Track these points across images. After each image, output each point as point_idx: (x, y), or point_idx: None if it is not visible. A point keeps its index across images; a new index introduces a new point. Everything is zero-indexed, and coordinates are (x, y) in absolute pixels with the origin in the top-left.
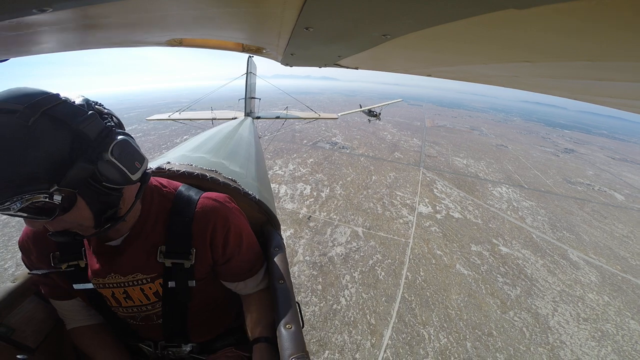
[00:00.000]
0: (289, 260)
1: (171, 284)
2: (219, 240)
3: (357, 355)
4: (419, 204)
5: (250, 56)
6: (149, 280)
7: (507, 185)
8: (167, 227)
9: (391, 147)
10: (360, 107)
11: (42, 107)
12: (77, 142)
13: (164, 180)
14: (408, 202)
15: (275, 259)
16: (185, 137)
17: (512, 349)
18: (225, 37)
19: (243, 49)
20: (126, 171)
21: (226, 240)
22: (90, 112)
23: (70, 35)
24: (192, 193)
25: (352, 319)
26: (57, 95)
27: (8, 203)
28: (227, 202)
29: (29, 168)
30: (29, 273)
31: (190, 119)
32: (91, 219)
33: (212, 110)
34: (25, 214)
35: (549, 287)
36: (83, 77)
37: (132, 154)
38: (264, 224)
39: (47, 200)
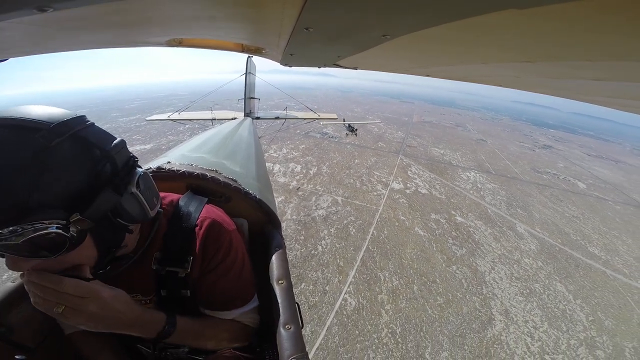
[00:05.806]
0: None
1: (163, 292)
2: (210, 251)
3: (327, 288)
4: (392, 182)
5: (249, 56)
6: (147, 301)
7: (476, 171)
8: (164, 247)
9: (376, 138)
10: (344, 121)
11: (73, 128)
12: (106, 169)
13: (161, 194)
14: (383, 180)
15: (276, 259)
16: (187, 126)
17: (451, 295)
18: (225, 37)
19: (243, 49)
20: (147, 207)
21: (215, 253)
22: (119, 138)
23: (70, 35)
24: (192, 209)
25: (325, 261)
26: (84, 117)
27: (10, 228)
28: (225, 223)
29: (46, 194)
30: None
31: (189, 119)
32: (94, 259)
33: (211, 110)
34: (25, 250)
35: (491, 250)
36: (81, 71)
37: (153, 189)
38: (264, 223)
39: (60, 232)
